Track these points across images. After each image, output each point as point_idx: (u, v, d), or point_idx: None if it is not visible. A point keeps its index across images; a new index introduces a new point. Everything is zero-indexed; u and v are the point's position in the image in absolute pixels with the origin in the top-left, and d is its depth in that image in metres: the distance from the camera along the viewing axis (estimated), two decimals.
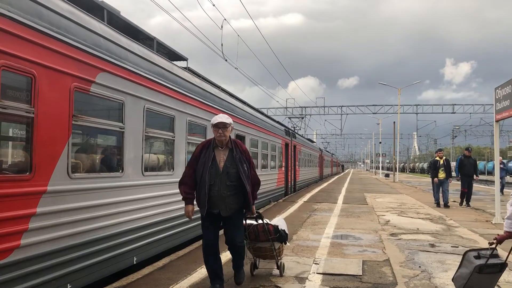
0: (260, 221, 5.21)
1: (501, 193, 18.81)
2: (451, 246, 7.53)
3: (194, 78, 8.44)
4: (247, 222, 5.19)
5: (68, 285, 4.47)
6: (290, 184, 20.33)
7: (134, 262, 5.81)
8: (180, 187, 4.70)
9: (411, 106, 49.21)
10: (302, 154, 25.34)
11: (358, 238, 8.25)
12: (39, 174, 4.06)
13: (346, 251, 7.04)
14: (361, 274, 5.62)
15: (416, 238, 8.35)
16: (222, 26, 13.36)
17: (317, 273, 5.65)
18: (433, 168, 14.58)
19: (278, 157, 17.32)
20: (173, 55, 8.53)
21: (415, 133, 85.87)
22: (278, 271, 5.46)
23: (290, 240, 7.88)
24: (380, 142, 52.03)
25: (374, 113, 48.81)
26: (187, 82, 7.79)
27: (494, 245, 4.16)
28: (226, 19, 13.44)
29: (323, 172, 43.10)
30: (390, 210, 13.37)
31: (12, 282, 3.74)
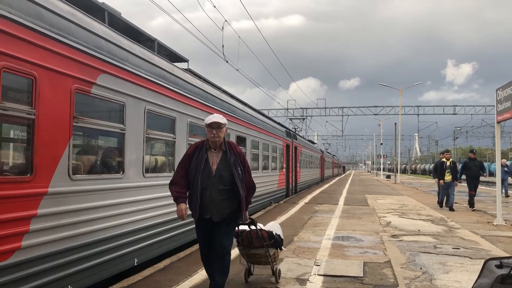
0: (253, 227, 4.93)
1: (506, 195, 18.68)
2: (453, 248, 7.51)
3: (195, 80, 8.44)
4: (240, 228, 4.95)
5: (69, 286, 4.47)
6: (291, 185, 20.33)
7: (135, 264, 5.80)
8: (170, 188, 4.42)
9: (412, 107, 49.29)
10: (303, 156, 25.34)
11: (359, 240, 8.24)
12: (40, 176, 4.06)
13: (347, 253, 7.03)
14: (362, 275, 5.61)
15: (417, 239, 8.34)
16: (223, 27, 13.37)
17: (318, 274, 5.64)
18: (439, 169, 14.14)
19: (279, 158, 17.32)
20: (174, 57, 8.54)
21: (416, 134, 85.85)
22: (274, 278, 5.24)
23: (291, 241, 7.88)
24: (381, 144, 51.99)
25: (375, 114, 48.84)
26: (188, 84, 7.80)
27: None
28: (227, 20, 13.45)
29: (324, 173, 43.10)
30: (391, 211, 13.35)
31: (13, 283, 3.74)
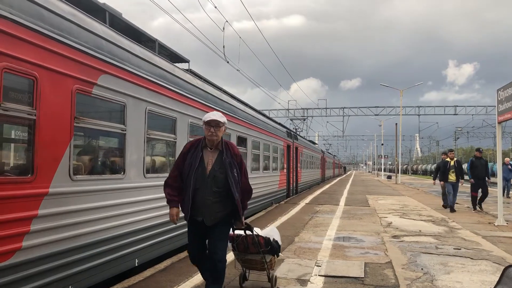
0: (249, 232, 4.74)
1: (507, 196, 18.54)
2: (454, 248, 7.50)
3: (195, 80, 8.44)
4: (236, 233, 4.75)
5: (70, 287, 4.47)
6: (292, 186, 20.32)
7: (136, 264, 5.80)
8: (164, 189, 4.30)
9: (413, 108, 49.22)
10: (304, 156, 25.32)
11: (360, 240, 8.23)
12: (41, 176, 4.06)
13: (348, 253, 7.02)
14: (363, 276, 5.60)
15: (418, 240, 8.33)
16: (224, 28, 13.36)
17: (319, 275, 5.64)
18: (442, 170, 13.58)
19: (280, 159, 17.32)
20: (174, 57, 8.54)
21: (417, 134, 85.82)
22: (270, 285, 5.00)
23: (292, 242, 7.88)
24: (382, 144, 51.99)
25: (376, 114, 48.77)
26: (189, 84, 7.80)
27: None
28: (228, 21, 13.45)
29: (325, 174, 43.10)
30: (392, 212, 13.34)
31: (13, 284, 3.74)
